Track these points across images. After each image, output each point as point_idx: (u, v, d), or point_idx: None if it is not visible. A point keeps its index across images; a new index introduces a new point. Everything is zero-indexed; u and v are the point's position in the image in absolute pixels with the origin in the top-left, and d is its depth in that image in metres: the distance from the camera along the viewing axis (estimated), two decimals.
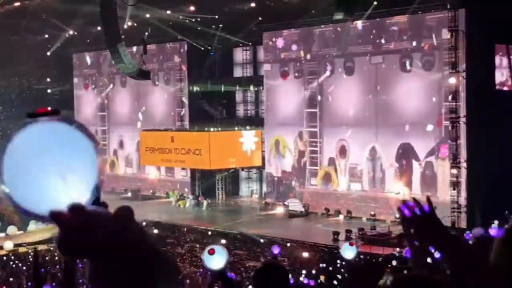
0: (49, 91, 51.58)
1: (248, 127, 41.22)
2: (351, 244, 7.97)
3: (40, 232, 34.20)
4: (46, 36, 47.07)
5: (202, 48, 41.72)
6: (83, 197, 1.13)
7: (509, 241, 1.94)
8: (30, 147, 1.11)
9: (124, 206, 1.20)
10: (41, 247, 31.69)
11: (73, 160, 1.12)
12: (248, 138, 39.64)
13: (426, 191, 31.24)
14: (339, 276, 20.55)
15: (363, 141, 34.78)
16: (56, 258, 29.60)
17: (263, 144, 39.79)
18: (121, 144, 48.11)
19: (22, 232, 34.80)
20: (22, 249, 30.76)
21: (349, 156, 35.66)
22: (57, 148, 1.12)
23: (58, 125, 1.13)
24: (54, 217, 1.10)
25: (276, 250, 22.96)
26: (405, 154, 33.40)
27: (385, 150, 34.09)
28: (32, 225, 35.47)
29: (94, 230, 1.12)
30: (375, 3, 32.84)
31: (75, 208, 1.10)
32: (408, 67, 33.27)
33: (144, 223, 29.92)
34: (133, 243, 1.18)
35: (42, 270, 22.85)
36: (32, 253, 30.57)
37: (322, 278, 19.52)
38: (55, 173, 1.11)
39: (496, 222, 25.09)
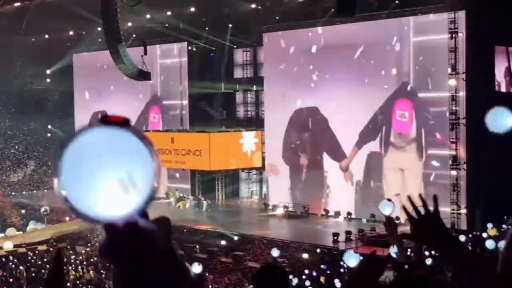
0: (48, 90, 51.51)
1: (248, 128, 41.23)
2: (355, 252, 7.95)
3: (39, 233, 34.20)
4: (46, 36, 47.08)
5: (203, 49, 41.74)
6: (136, 203, 1.14)
7: None
8: (90, 151, 1.13)
9: (164, 218, 1.25)
10: (40, 248, 31.73)
11: (131, 167, 1.14)
12: (248, 139, 39.61)
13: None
14: (340, 277, 20.56)
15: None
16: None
17: (263, 145, 39.79)
18: None
19: (21, 232, 34.80)
20: (21, 250, 30.73)
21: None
22: (117, 154, 1.13)
23: (118, 130, 1.14)
24: (108, 229, 1.15)
25: (275, 253, 22.98)
26: None
27: None
28: (31, 226, 35.49)
29: (141, 245, 1.17)
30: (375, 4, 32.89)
31: (130, 224, 1.14)
32: None
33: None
34: (166, 256, 1.23)
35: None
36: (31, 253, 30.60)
37: (322, 279, 19.56)
38: (113, 179, 1.12)
39: (490, 225, 25.12)
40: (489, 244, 15.66)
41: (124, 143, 1.14)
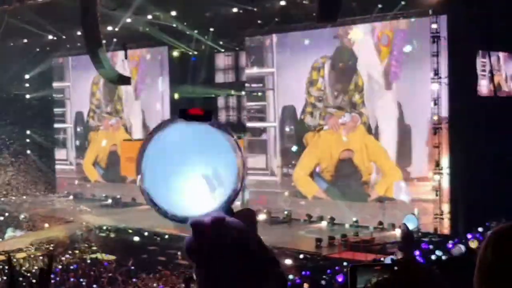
0: (28, 96, 51.03)
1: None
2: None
3: (18, 240, 33.81)
4: (25, 40, 46.65)
5: (183, 54, 41.52)
6: (222, 199, 1.12)
7: (495, 242, 1.89)
8: (172, 147, 1.10)
9: (249, 210, 1.22)
10: (18, 255, 31.33)
11: (216, 162, 1.11)
12: None
13: None
14: (323, 283, 20.41)
15: None
16: (36, 267, 29.26)
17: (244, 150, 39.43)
18: None
19: (0, 240, 34.42)
20: (0, 257, 30.34)
21: None
22: (200, 150, 1.11)
23: (200, 125, 1.12)
24: (195, 226, 1.11)
25: None
26: None
27: None
28: (10, 233, 35.10)
29: (227, 242, 1.14)
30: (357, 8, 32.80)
31: (217, 221, 1.11)
32: None
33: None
34: (250, 250, 1.20)
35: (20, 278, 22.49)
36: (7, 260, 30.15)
37: (305, 285, 19.40)
38: (197, 176, 1.10)
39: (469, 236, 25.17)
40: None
41: (207, 138, 1.12)
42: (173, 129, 1.11)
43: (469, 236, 25.23)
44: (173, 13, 38.33)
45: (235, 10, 37.66)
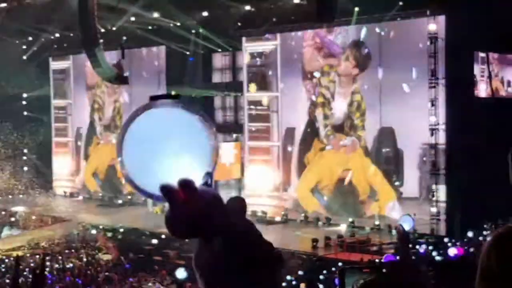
0: (25, 95, 51.01)
1: (227, 134, 40.99)
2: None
3: (14, 239, 33.80)
4: (23, 40, 46.64)
5: (181, 53, 41.52)
6: (195, 180, 1.17)
7: (498, 244, 1.88)
8: (150, 131, 1.18)
9: (237, 197, 1.24)
10: (15, 254, 31.30)
11: (189, 145, 1.18)
12: (226, 150, 39.24)
13: None
14: (319, 283, 20.41)
15: None
16: (32, 265, 29.22)
17: (242, 157, 39.53)
18: None
19: None
20: None
21: None
22: (175, 134, 1.18)
23: (178, 111, 1.21)
24: (164, 190, 1.15)
25: None
26: None
27: None
28: (6, 232, 35.09)
29: (201, 207, 1.15)
30: (356, 9, 32.82)
31: (185, 183, 1.14)
32: None
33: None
34: (240, 233, 1.19)
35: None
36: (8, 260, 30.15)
37: (302, 286, 19.40)
38: (170, 156, 1.17)
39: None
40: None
41: (181, 122, 1.20)
42: (148, 115, 1.20)
43: (466, 236, 25.25)
44: (171, 12, 38.30)
45: (233, 10, 37.67)
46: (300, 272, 25.24)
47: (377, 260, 17.62)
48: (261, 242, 1.22)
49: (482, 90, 31.85)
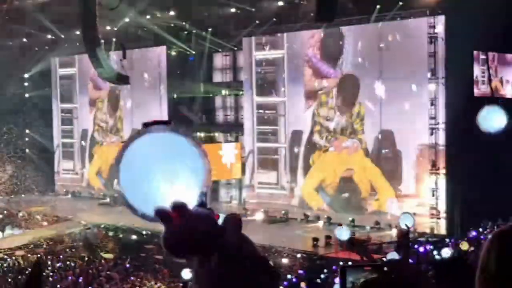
0: (27, 95, 51.11)
1: (228, 133, 41.08)
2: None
3: (16, 238, 33.85)
4: (24, 40, 46.69)
5: (182, 53, 41.57)
6: (189, 202, 1.24)
7: (498, 243, 1.89)
8: (144, 155, 1.24)
9: (232, 214, 1.30)
10: (18, 253, 31.39)
11: (182, 168, 1.25)
12: (228, 150, 39.40)
13: None
14: (319, 282, 20.49)
15: None
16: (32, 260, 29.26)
17: (243, 157, 39.63)
18: None
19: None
20: None
21: None
22: (169, 157, 1.24)
23: (171, 136, 1.26)
24: (159, 213, 1.22)
25: None
26: None
27: None
28: (8, 231, 35.14)
29: (196, 228, 1.21)
30: (356, 9, 32.91)
31: (178, 206, 1.21)
32: None
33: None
34: (235, 250, 1.24)
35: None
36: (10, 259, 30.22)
37: (302, 285, 19.46)
38: (165, 180, 1.23)
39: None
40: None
41: (175, 146, 1.25)
42: (142, 140, 1.26)
43: (465, 236, 25.31)
44: (172, 12, 38.38)
45: (233, 10, 37.73)
46: (300, 271, 25.32)
47: (380, 259, 17.71)
48: (256, 259, 1.27)
49: (481, 90, 31.88)
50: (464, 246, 21.92)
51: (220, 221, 1.27)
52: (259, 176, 38.56)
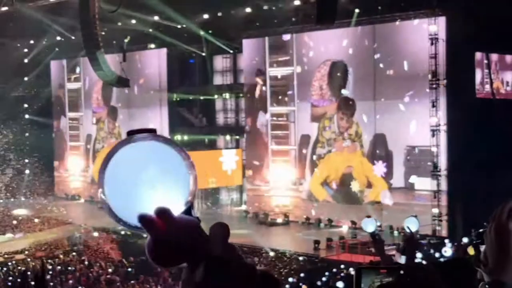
0: (25, 98, 51.09)
1: (228, 136, 41.10)
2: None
3: (16, 242, 33.80)
4: (24, 42, 46.68)
5: (182, 55, 41.57)
6: (175, 210, 1.22)
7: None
8: (128, 164, 1.23)
9: (219, 223, 1.26)
10: (17, 257, 31.34)
11: (166, 176, 1.22)
12: (228, 157, 39.62)
13: None
14: (321, 284, 20.43)
15: None
16: (32, 263, 29.26)
17: (244, 163, 39.80)
18: None
19: None
20: None
21: None
22: (153, 165, 1.22)
23: (155, 144, 1.25)
24: (142, 219, 1.19)
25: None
26: None
27: None
28: (9, 235, 35.09)
29: (181, 236, 1.19)
30: (356, 10, 32.89)
31: (162, 211, 1.18)
32: None
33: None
34: (221, 259, 1.21)
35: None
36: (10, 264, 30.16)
37: (304, 287, 19.42)
38: (149, 188, 1.21)
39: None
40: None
41: (160, 155, 1.24)
42: (127, 149, 1.24)
43: (465, 239, 25.21)
44: (172, 15, 38.34)
45: (233, 12, 37.72)
46: (302, 274, 25.27)
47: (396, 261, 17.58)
48: (242, 267, 1.24)
49: (482, 91, 31.86)
50: (471, 251, 21.77)
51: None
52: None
